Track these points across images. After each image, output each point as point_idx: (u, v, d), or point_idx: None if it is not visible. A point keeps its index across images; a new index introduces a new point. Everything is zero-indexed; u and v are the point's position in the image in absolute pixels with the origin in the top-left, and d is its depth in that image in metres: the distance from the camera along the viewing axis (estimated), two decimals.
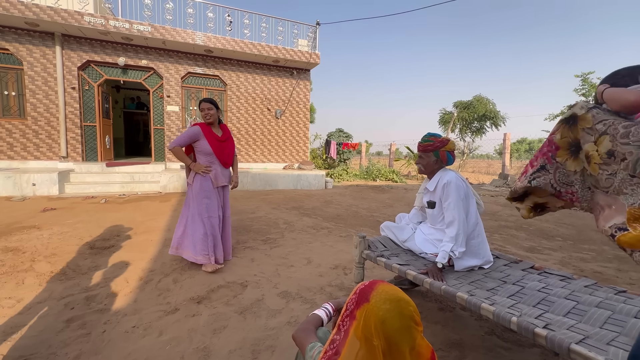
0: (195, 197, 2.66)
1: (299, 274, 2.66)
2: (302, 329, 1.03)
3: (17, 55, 6.82)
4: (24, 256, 2.84)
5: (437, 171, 2.00)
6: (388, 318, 0.72)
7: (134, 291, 2.26)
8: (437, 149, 1.97)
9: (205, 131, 2.67)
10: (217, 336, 1.76)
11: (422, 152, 2.02)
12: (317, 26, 9.04)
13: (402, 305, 0.75)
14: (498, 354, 1.65)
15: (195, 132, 2.65)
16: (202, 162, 2.70)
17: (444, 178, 1.91)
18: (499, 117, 15.46)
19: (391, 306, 0.74)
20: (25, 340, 1.68)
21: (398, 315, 0.73)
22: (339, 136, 11.88)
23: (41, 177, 5.96)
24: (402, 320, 0.73)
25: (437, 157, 1.98)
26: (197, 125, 2.70)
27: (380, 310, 0.74)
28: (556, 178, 0.91)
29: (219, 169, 2.77)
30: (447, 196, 1.86)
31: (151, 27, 7.09)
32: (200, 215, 2.65)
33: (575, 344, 1.08)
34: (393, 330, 0.72)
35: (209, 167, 2.69)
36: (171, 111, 8.15)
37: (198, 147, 2.68)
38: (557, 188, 0.92)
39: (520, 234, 4.22)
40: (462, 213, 1.82)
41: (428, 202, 2.04)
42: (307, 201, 6.17)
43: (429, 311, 2.07)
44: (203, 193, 2.67)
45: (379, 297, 0.76)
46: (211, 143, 2.68)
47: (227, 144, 2.82)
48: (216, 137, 2.74)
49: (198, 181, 2.68)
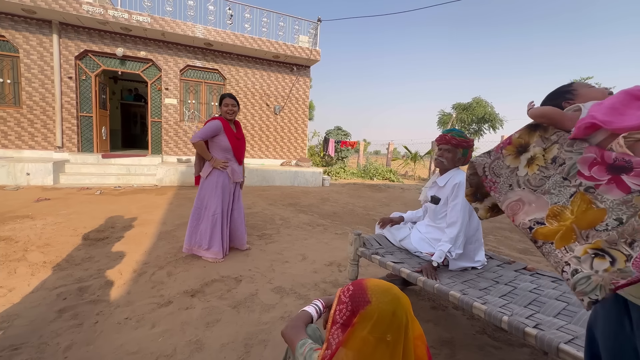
0: (208, 192, 2.68)
1: (293, 270, 2.66)
2: (292, 325, 1.02)
3: (13, 42, 6.72)
4: (16, 245, 2.81)
5: (453, 168, 1.97)
6: (396, 309, 0.74)
7: (127, 283, 2.26)
8: (468, 147, 1.93)
9: (225, 126, 2.69)
10: (210, 329, 1.76)
11: (453, 146, 1.91)
12: (318, 23, 9.00)
13: (397, 292, 0.78)
14: (488, 352, 1.67)
15: (218, 127, 2.65)
16: (219, 158, 2.71)
17: (456, 177, 1.90)
18: (498, 119, 15.54)
19: (392, 297, 0.76)
20: (17, 329, 1.67)
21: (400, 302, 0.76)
22: (337, 134, 11.87)
23: (36, 167, 5.90)
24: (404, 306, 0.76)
25: (464, 156, 1.94)
26: (218, 119, 2.68)
27: (386, 304, 0.75)
28: (491, 165, 1.00)
29: (235, 165, 2.80)
30: (456, 197, 1.86)
31: (150, 18, 7.01)
32: (207, 210, 2.68)
33: (565, 344, 1.09)
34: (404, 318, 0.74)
35: (227, 163, 2.72)
36: (169, 104, 8.09)
37: (216, 141, 2.69)
38: (486, 173, 1.01)
39: (514, 235, 4.25)
40: (466, 216, 1.83)
41: (432, 197, 2.02)
42: (303, 198, 6.17)
43: (421, 309, 2.08)
44: (218, 188, 2.69)
45: (378, 293, 0.77)
46: (230, 139, 2.71)
47: (242, 141, 2.86)
48: (234, 133, 2.76)
49: (214, 176, 2.69)
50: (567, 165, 0.84)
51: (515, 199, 0.93)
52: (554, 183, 0.85)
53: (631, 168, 0.68)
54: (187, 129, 8.31)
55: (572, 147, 0.84)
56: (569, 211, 0.79)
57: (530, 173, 0.93)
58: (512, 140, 0.98)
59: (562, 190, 0.83)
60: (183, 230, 3.54)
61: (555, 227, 0.81)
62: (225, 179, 2.72)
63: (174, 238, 3.28)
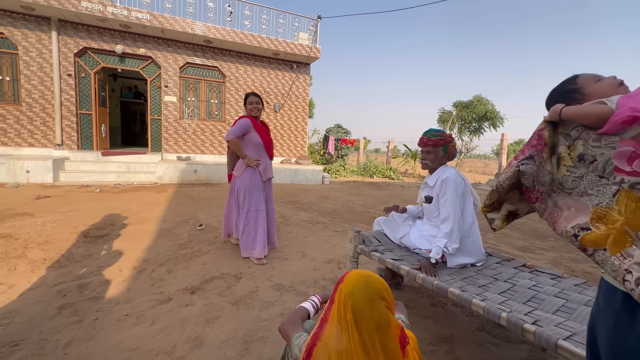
0: (244, 191, 2.72)
1: (293, 267, 2.66)
2: (289, 321, 1.04)
3: (11, 39, 6.69)
4: (16, 243, 2.82)
5: (440, 167, 2.01)
6: (356, 291, 0.78)
7: (127, 280, 2.26)
8: (447, 144, 1.97)
9: (254, 123, 2.73)
10: (210, 326, 1.77)
11: (431, 147, 1.98)
12: (318, 20, 8.96)
13: (369, 280, 0.81)
14: (487, 349, 1.68)
15: (248, 124, 2.70)
16: (250, 155, 2.75)
17: (443, 174, 1.93)
18: (498, 118, 15.49)
19: (359, 281, 0.80)
20: (17, 325, 1.67)
21: (364, 287, 0.79)
22: (337, 132, 11.84)
23: (35, 165, 5.89)
24: (367, 292, 0.78)
25: (446, 152, 1.98)
26: (246, 117, 2.73)
27: (350, 285, 0.80)
28: (537, 172, 0.90)
29: (267, 161, 2.86)
30: (445, 192, 1.88)
31: (150, 15, 6.98)
32: (248, 210, 2.72)
33: (563, 340, 1.09)
34: (359, 302, 0.77)
35: (259, 160, 2.75)
36: (169, 101, 8.07)
37: (247, 139, 2.72)
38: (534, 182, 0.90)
39: (514, 233, 4.26)
40: (457, 210, 1.84)
41: (425, 197, 2.06)
42: (303, 196, 6.17)
43: (420, 306, 2.09)
44: (250, 187, 2.73)
45: (350, 275, 0.83)
46: (260, 135, 2.76)
47: (270, 137, 2.92)
48: (263, 129, 2.82)
49: (248, 174, 2.73)
50: (600, 162, 0.75)
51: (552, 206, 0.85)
52: (590, 183, 0.77)
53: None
54: (186, 126, 8.30)
55: (599, 142, 0.76)
56: (616, 212, 0.71)
57: (559, 176, 0.85)
58: (547, 141, 0.88)
59: (601, 190, 0.75)
60: (183, 228, 3.55)
61: (604, 232, 0.72)
62: (257, 177, 2.76)
63: (173, 235, 3.29)
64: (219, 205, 4.85)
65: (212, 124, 8.58)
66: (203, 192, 5.87)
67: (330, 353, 0.78)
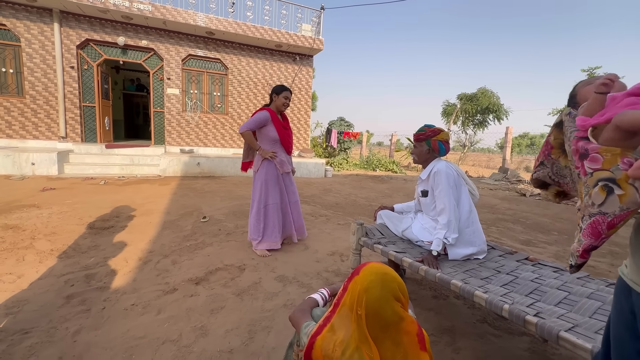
0: (260, 184, 2.73)
1: (296, 259, 2.69)
2: (299, 309, 1.07)
3: (14, 31, 6.67)
4: (24, 234, 2.86)
5: (430, 161, 2.05)
6: (371, 288, 0.78)
7: (133, 271, 2.29)
8: (428, 138, 2.01)
9: (273, 117, 2.70)
10: (215, 316, 1.80)
11: (416, 142, 2.09)
12: (321, 11, 8.84)
13: (386, 278, 0.80)
14: (488, 340, 1.70)
15: (266, 117, 2.67)
16: (266, 148, 2.74)
17: (434, 167, 1.97)
18: (502, 110, 15.31)
19: (376, 277, 0.79)
20: (27, 314, 1.71)
21: (380, 285, 0.78)
22: (340, 125, 11.79)
23: (40, 157, 5.94)
24: (383, 290, 0.78)
25: (429, 147, 2.02)
26: (266, 110, 2.70)
27: (365, 280, 0.79)
28: (553, 171, 1.04)
29: (283, 155, 2.83)
30: (437, 184, 1.91)
31: (152, 6, 6.92)
32: (258, 203, 2.72)
33: (565, 332, 1.10)
34: (373, 299, 0.77)
35: (275, 153, 2.74)
36: (171, 94, 8.06)
37: (263, 132, 2.71)
38: (555, 179, 1.04)
39: (517, 227, 4.25)
40: (452, 200, 1.86)
41: (422, 191, 2.09)
42: (306, 189, 6.18)
43: (423, 298, 2.11)
44: (266, 181, 2.73)
45: (368, 269, 0.82)
46: (278, 129, 2.73)
47: (289, 131, 2.90)
48: (282, 123, 2.79)
49: (264, 168, 2.73)
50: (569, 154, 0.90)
51: None
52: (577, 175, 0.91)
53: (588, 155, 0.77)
54: (189, 119, 8.30)
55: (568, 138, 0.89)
56: None
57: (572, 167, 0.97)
58: (552, 144, 1.01)
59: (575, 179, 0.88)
60: (187, 220, 3.58)
61: None
62: (273, 170, 2.76)
63: (178, 227, 3.32)
64: (222, 197, 4.87)
65: (215, 116, 8.56)
66: (206, 185, 5.90)
67: (336, 341, 0.79)
